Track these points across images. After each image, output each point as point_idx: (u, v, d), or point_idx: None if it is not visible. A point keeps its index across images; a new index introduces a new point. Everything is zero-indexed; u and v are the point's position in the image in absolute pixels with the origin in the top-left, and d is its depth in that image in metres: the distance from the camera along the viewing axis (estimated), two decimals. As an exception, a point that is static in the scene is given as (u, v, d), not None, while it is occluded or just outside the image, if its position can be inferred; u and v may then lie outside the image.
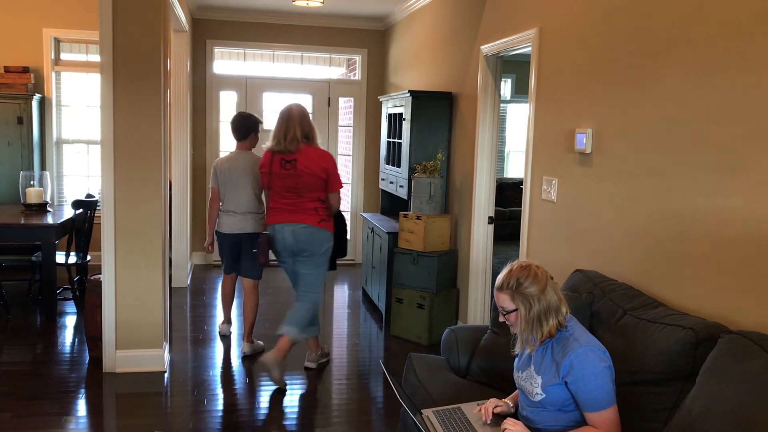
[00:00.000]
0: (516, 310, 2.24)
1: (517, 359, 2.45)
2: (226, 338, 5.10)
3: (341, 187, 4.27)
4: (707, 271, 2.47)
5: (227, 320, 5.19)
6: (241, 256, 4.85)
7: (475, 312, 4.90)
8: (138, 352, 4.30)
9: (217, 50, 7.56)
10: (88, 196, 5.95)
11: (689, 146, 2.57)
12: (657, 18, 2.78)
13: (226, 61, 7.79)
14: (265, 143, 4.32)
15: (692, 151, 2.56)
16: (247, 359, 4.64)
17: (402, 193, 5.63)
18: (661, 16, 2.76)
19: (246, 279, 4.83)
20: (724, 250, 2.38)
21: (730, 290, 2.35)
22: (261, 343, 4.88)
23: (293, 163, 4.14)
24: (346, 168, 8.15)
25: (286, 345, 4.11)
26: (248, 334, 4.78)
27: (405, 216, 5.13)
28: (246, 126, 4.82)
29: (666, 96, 2.72)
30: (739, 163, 2.31)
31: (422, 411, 2.57)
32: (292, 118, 4.21)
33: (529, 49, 4.04)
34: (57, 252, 5.44)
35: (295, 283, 4.41)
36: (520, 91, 9.88)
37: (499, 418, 2.44)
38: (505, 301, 2.26)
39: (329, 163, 4.18)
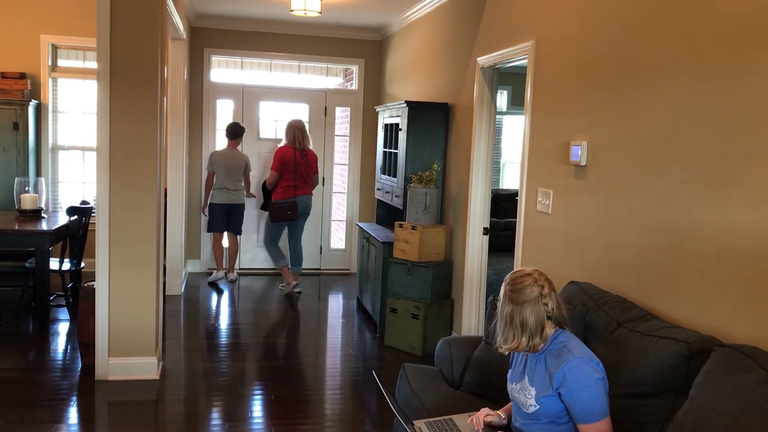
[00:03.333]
0: None
1: (510, 371, 2.45)
2: (215, 287, 7.02)
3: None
4: (701, 284, 2.48)
5: (221, 266, 7.22)
6: (230, 219, 7.06)
7: (470, 323, 4.89)
8: (131, 360, 4.29)
9: (214, 58, 7.58)
10: (83, 202, 5.94)
11: (683, 159, 2.59)
12: (651, 33, 2.81)
13: (224, 70, 7.81)
14: (281, 142, 6.72)
15: (686, 164, 2.57)
16: (233, 284, 7.18)
17: (397, 202, 5.64)
18: (656, 30, 2.78)
19: (231, 234, 7.15)
20: (717, 264, 2.39)
21: (724, 303, 2.35)
22: (236, 273, 7.39)
23: (306, 156, 6.60)
24: (342, 177, 8.16)
25: (297, 274, 6.90)
26: (232, 267, 7.27)
27: (400, 226, 5.13)
28: (238, 131, 7.03)
29: (661, 109, 2.74)
30: (733, 177, 2.33)
31: (414, 422, 2.57)
32: (303, 129, 6.63)
33: (526, 61, 4.06)
34: (51, 258, 5.42)
35: (281, 236, 6.82)
36: (516, 103, 9.91)
37: (490, 428, 2.43)
38: (502, 289, 2.34)
39: (317, 157, 6.88)
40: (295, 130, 6.55)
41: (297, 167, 6.49)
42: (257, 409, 3.98)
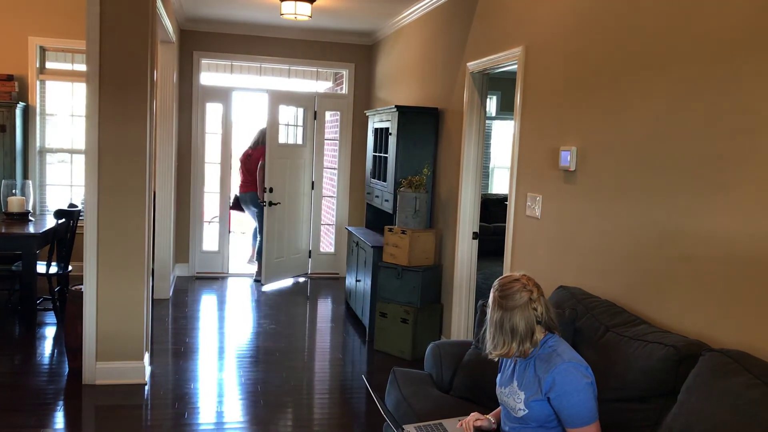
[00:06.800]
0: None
1: (500, 375, 2.46)
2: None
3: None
4: (689, 289, 2.49)
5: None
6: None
7: (459, 327, 4.90)
8: (118, 364, 4.26)
9: (204, 62, 7.56)
10: (71, 205, 5.90)
11: (672, 165, 2.61)
12: (640, 38, 2.83)
13: (213, 73, 7.79)
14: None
15: (675, 169, 2.59)
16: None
17: (387, 207, 5.64)
18: (645, 36, 2.80)
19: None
20: (705, 269, 2.41)
21: (712, 308, 2.37)
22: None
23: (251, 156, 7.59)
24: (331, 181, 8.16)
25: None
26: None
27: (390, 230, 5.14)
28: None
29: (649, 115, 2.76)
30: (722, 183, 2.35)
31: (404, 426, 2.56)
32: (259, 133, 7.60)
33: (515, 66, 4.08)
34: (38, 262, 5.38)
35: (259, 227, 7.73)
36: (505, 108, 9.94)
37: (481, 433, 2.44)
38: (491, 295, 2.34)
39: (258, 157, 7.49)
40: (255, 134, 7.80)
41: (242, 165, 7.73)
42: (245, 413, 3.96)
